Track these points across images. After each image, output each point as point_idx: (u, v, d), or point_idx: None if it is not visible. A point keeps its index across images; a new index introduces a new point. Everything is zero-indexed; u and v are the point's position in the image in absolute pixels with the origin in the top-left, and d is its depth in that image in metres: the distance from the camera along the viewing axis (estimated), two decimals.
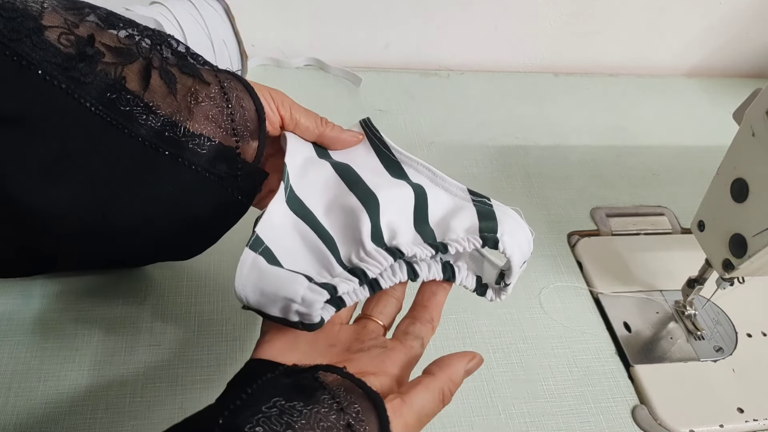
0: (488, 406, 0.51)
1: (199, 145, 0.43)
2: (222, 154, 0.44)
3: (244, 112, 0.45)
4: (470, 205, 0.46)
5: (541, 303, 0.59)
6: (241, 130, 0.45)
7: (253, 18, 0.75)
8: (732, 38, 0.92)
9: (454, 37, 0.84)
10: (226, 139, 0.44)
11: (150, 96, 0.42)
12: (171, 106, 0.42)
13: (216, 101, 0.44)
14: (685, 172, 0.76)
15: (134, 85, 0.41)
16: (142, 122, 0.41)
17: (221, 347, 0.51)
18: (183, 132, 0.42)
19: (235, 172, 0.45)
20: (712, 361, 0.57)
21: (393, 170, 0.49)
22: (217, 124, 0.44)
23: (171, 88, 0.42)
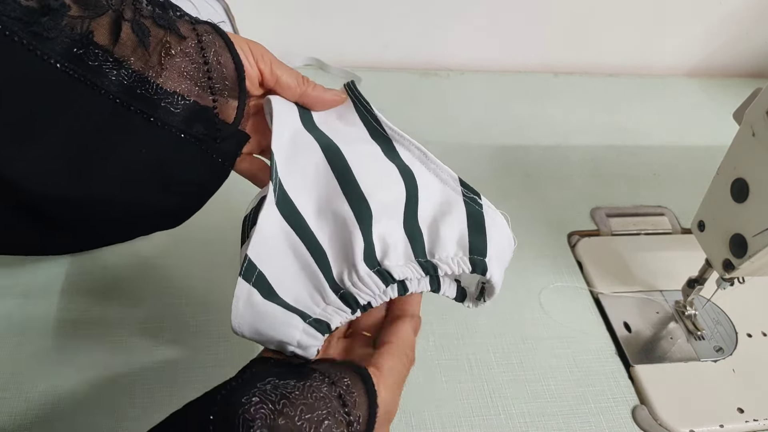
0: (488, 406, 0.51)
1: (172, 103, 0.40)
2: (198, 114, 0.42)
3: (222, 69, 0.42)
4: (460, 202, 0.45)
5: (541, 303, 0.59)
6: (219, 88, 0.42)
7: (253, 18, 0.75)
8: (732, 38, 0.92)
9: (454, 37, 0.84)
10: (202, 98, 0.41)
11: (120, 50, 0.39)
12: (142, 61, 0.39)
13: (192, 57, 0.41)
14: (685, 172, 0.76)
15: (103, 39, 0.39)
16: (112, 78, 0.39)
17: (219, 348, 0.51)
18: (155, 89, 0.40)
19: (213, 134, 0.43)
20: (712, 361, 0.57)
21: (385, 147, 0.47)
22: (192, 81, 0.41)
23: (143, 42, 0.40)
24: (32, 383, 0.47)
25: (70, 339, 0.50)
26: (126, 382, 0.48)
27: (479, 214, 0.44)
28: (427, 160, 0.47)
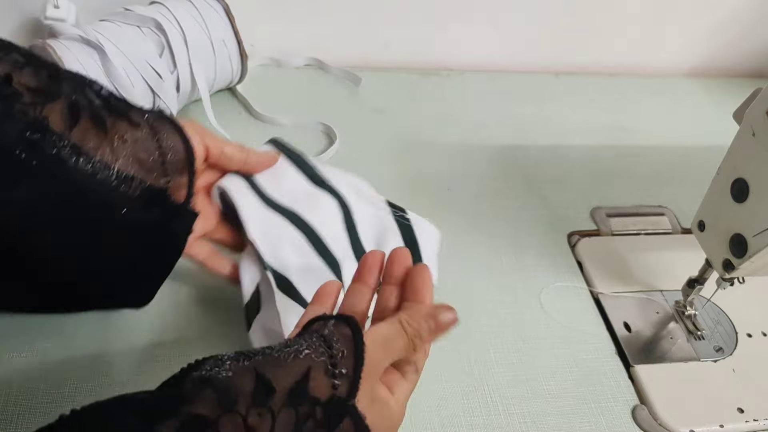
0: (488, 406, 0.51)
1: (130, 187, 0.42)
2: (153, 196, 0.43)
3: (174, 153, 0.44)
4: (393, 223, 0.54)
5: (541, 303, 0.59)
6: (171, 170, 0.44)
7: (253, 18, 0.75)
8: (732, 38, 0.92)
9: (454, 36, 0.84)
10: (156, 181, 0.43)
11: (78, 136, 0.40)
12: (100, 147, 0.41)
13: (145, 143, 0.43)
14: (686, 172, 0.76)
15: (59, 125, 0.39)
16: (70, 165, 0.39)
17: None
18: (115, 174, 0.41)
19: (167, 215, 0.44)
20: (712, 361, 0.57)
21: (322, 186, 0.53)
22: (146, 166, 0.43)
23: (102, 128, 0.41)
24: (33, 383, 0.47)
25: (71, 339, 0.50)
26: (128, 384, 0.48)
27: (409, 228, 0.54)
28: (360, 191, 0.55)
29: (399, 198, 0.66)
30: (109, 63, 0.58)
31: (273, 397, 0.31)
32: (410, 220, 0.54)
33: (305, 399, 0.32)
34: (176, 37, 0.62)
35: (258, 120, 0.71)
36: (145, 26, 0.61)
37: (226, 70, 0.68)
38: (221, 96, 0.73)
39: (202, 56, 0.64)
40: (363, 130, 0.73)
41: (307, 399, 0.32)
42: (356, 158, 0.69)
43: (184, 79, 0.63)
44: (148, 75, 0.60)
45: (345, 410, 0.33)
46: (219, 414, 0.29)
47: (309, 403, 0.32)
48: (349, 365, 0.34)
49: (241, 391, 0.30)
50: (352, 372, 0.34)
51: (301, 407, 0.31)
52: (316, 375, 0.33)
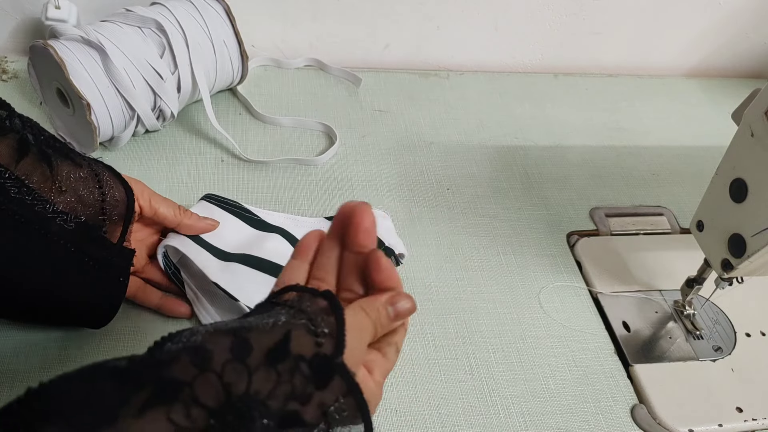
0: (488, 405, 0.51)
1: (66, 221, 0.44)
2: (89, 232, 0.45)
3: (114, 193, 0.47)
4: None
5: (540, 303, 0.60)
6: (109, 210, 0.47)
7: (253, 19, 0.76)
8: (731, 39, 0.92)
9: (454, 37, 0.84)
10: (93, 219, 0.46)
11: (23, 170, 0.42)
12: (43, 182, 0.43)
13: (88, 182, 0.46)
14: (684, 172, 0.76)
15: (4, 158, 0.42)
16: (12, 195, 0.41)
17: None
18: (52, 208, 0.43)
19: (104, 252, 0.46)
20: (711, 361, 0.57)
21: (265, 228, 0.57)
22: (87, 204, 0.45)
23: (48, 164, 0.44)
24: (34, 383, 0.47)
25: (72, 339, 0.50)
26: None
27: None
28: (296, 221, 0.59)
29: (399, 198, 0.66)
30: (110, 63, 0.58)
31: (251, 355, 0.29)
32: None
33: (286, 356, 0.30)
34: (177, 38, 0.62)
35: (258, 120, 0.72)
36: (146, 27, 0.62)
37: (227, 70, 0.68)
38: (222, 96, 0.73)
39: (202, 57, 0.65)
40: (363, 131, 0.73)
41: (288, 356, 0.30)
42: (356, 158, 0.70)
43: (185, 80, 0.63)
44: (149, 75, 0.61)
45: (333, 367, 0.31)
46: (195, 374, 0.28)
47: (291, 360, 0.30)
48: (331, 324, 0.32)
49: (217, 350, 0.29)
50: (335, 331, 0.32)
51: (281, 364, 0.30)
52: (298, 334, 0.31)
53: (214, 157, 0.66)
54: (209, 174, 0.64)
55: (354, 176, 0.67)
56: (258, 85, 0.75)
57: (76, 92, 0.57)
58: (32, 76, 0.62)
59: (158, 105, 0.63)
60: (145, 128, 0.64)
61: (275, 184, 0.65)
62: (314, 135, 0.72)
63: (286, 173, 0.66)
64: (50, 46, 0.57)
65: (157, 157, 0.65)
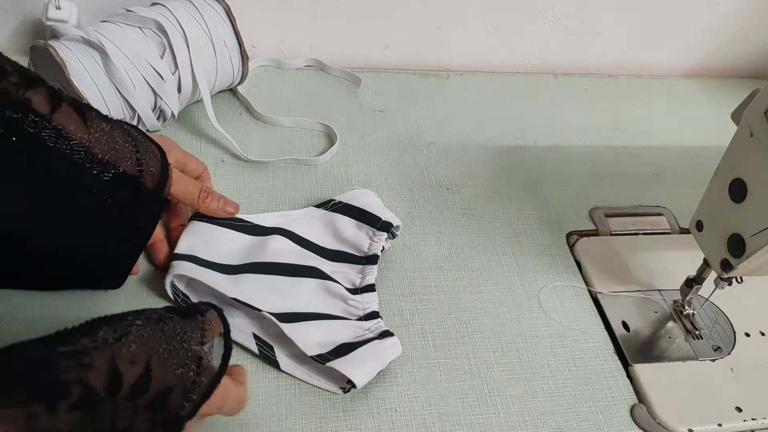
0: (487, 405, 0.52)
1: (102, 172, 0.44)
2: (125, 182, 0.46)
3: (147, 146, 0.48)
4: (333, 214, 0.59)
5: (540, 302, 0.60)
6: (145, 162, 0.47)
7: (253, 19, 0.76)
8: (730, 39, 0.92)
9: (454, 37, 0.84)
10: (130, 169, 0.46)
11: (60, 119, 0.42)
12: (81, 132, 0.43)
13: (121, 134, 0.46)
14: (684, 172, 0.76)
15: (42, 108, 0.42)
16: (50, 145, 0.42)
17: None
18: (90, 158, 0.44)
19: (137, 199, 0.47)
20: (710, 361, 0.58)
21: (260, 232, 0.57)
22: (122, 154, 0.46)
23: (81, 117, 0.44)
24: None
25: None
26: None
27: (346, 206, 0.60)
28: (290, 216, 0.60)
29: (399, 198, 0.66)
30: (111, 64, 0.58)
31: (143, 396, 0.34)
32: (341, 200, 0.60)
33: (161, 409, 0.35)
34: (177, 38, 0.62)
35: (259, 121, 0.72)
36: (146, 27, 0.62)
37: (227, 70, 0.68)
38: (222, 97, 0.73)
39: (203, 57, 0.65)
40: (363, 131, 0.73)
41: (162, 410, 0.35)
42: (356, 158, 0.70)
43: (186, 80, 0.64)
44: (149, 76, 0.61)
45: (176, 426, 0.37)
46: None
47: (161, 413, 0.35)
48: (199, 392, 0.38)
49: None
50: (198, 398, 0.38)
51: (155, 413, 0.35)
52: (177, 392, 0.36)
53: (215, 157, 0.66)
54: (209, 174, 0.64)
55: (354, 176, 0.68)
56: (258, 85, 0.75)
57: (76, 92, 0.57)
58: None
59: (159, 105, 0.63)
60: (146, 128, 0.64)
61: (275, 184, 0.65)
62: (314, 135, 0.72)
63: (286, 173, 0.66)
64: (51, 47, 0.57)
65: None
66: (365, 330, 0.53)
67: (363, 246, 0.58)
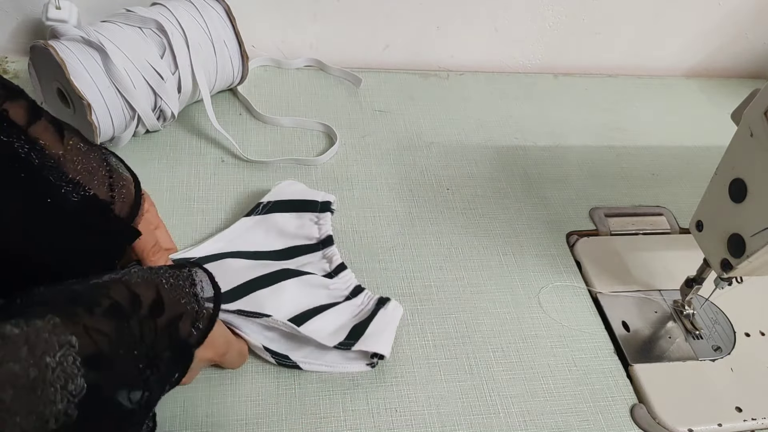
0: (487, 405, 0.52)
1: (72, 192, 0.44)
2: (95, 206, 0.45)
3: (121, 174, 0.48)
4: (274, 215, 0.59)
5: (540, 302, 0.60)
6: (117, 187, 0.47)
7: (254, 19, 0.76)
8: (730, 39, 0.92)
9: (454, 38, 0.84)
10: (101, 193, 0.45)
11: (34, 131, 0.42)
12: (54, 147, 0.43)
13: (97, 159, 0.46)
14: (684, 172, 0.76)
15: (19, 119, 0.41)
16: (21, 155, 0.41)
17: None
18: (60, 175, 0.43)
19: (106, 227, 0.46)
20: (710, 361, 0.58)
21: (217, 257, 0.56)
22: (95, 178, 0.45)
23: (58, 133, 0.43)
24: None
25: None
26: None
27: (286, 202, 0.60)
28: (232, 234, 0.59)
29: (399, 198, 0.66)
30: (111, 64, 0.58)
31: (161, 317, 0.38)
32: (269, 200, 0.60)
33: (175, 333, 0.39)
34: (177, 38, 0.62)
35: (259, 121, 0.72)
36: (146, 27, 0.62)
37: (227, 70, 0.68)
38: (222, 97, 0.73)
39: (203, 57, 0.65)
40: (363, 131, 0.73)
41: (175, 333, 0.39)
42: (356, 158, 0.70)
43: (186, 80, 0.64)
44: (149, 76, 0.61)
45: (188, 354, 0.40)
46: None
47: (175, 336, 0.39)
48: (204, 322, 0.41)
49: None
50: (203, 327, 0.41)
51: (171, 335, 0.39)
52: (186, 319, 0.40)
53: (215, 157, 0.66)
54: (209, 174, 0.64)
55: (354, 176, 0.68)
56: (258, 85, 0.75)
57: (76, 92, 0.57)
58: (33, 76, 0.62)
59: (159, 105, 0.63)
60: (146, 128, 0.64)
61: (275, 184, 0.65)
62: (314, 135, 0.72)
63: (286, 173, 0.66)
64: (51, 47, 0.57)
65: (157, 157, 0.65)
66: (360, 306, 0.54)
67: (312, 233, 0.58)
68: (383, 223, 0.63)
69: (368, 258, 0.59)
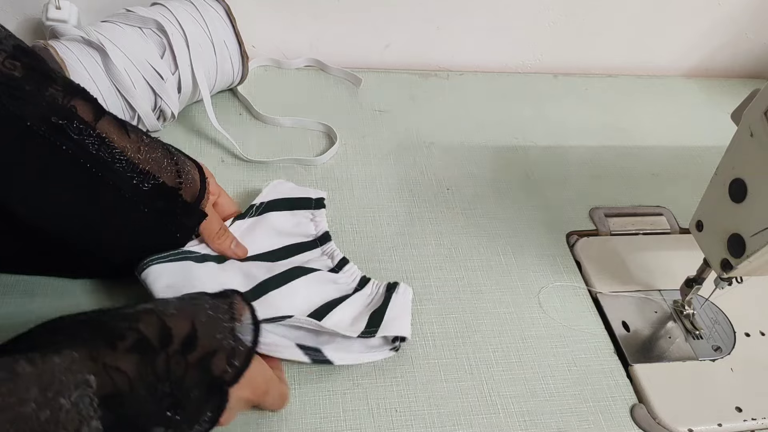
0: (487, 405, 0.52)
1: (142, 182, 0.46)
2: (164, 192, 0.47)
3: (185, 160, 0.50)
4: (269, 215, 0.58)
5: (540, 303, 0.60)
6: (183, 173, 0.49)
7: (254, 19, 0.76)
8: (730, 39, 0.92)
9: (454, 37, 0.84)
10: (170, 180, 0.48)
11: (103, 127, 0.44)
12: (121, 141, 0.45)
13: (161, 149, 0.48)
14: (684, 172, 0.76)
15: (86, 116, 0.43)
16: (92, 152, 0.43)
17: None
18: (131, 167, 0.45)
19: (174, 209, 0.48)
20: (710, 361, 0.58)
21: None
22: (162, 166, 0.48)
23: (123, 128, 0.46)
24: None
25: None
26: None
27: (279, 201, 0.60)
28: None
29: (399, 198, 0.66)
30: (111, 64, 0.58)
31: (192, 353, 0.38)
32: (262, 201, 0.59)
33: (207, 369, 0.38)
34: (177, 38, 0.62)
35: (259, 121, 0.72)
36: (146, 27, 0.62)
37: (227, 71, 0.68)
38: (222, 97, 0.73)
39: (203, 57, 0.65)
40: (363, 131, 0.73)
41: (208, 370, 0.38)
42: (356, 159, 0.70)
43: (186, 80, 0.64)
44: (149, 76, 0.61)
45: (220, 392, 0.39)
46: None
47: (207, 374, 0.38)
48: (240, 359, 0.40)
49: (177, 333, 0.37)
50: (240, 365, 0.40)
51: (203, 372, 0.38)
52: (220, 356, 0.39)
53: (215, 157, 0.66)
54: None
55: (354, 176, 0.68)
56: (258, 85, 0.76)
57: None
58: None
59: (159, 105, 0.63)
60: (146, 128, 0.64)
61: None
62: (314, 135, 0.72)
63: (286, 173, 0.66)
64: (51, 47, 0.57)
65: None
66: (371, 296, 0.55)
67: (309, 230, 0.58)
68: (383, 223, 0.63)
69: (368, 258, 0.59)
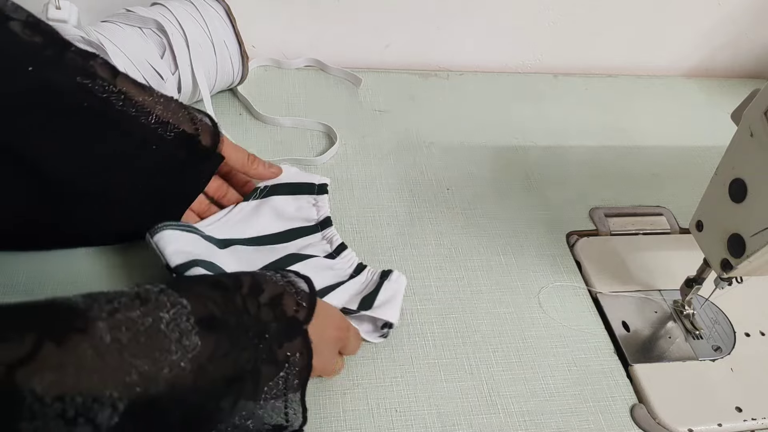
0: (487, 405, 0.52)
1: (165, 131, 0.49)
2: (185, 140, 0.51)
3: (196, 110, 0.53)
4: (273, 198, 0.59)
5: (540, 303, 0.60)
6: (197, 121, 0.52)
7: (253, 19, 0.76)
8: (730, 39, 0.92)
9: (454, 38, 0.84)
10: (188, 128, 0.51)
11: (122, 84, 0.47)
12: (141, 96, 0.48)
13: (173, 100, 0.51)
14: (684, 172, 0.76)
15: (105, 74, 0.46)
16: (117, 108, 0.46)
17: None
18: (155, 118, 0.48)
19: (195, 155, 0.52)
20: (710, 361, 0.58)
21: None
22: (180, 116, 0.51)
23: (138, 84, 0.49)
24: None
25: None
26: None
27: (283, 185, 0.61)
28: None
29: (399, 198, 0.66)
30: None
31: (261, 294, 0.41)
32: (266, 184, 0.59)
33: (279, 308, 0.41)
34: (177, 38, 0.62)
35: (259, 121, 0.72)
36: (146, 27, 0.62)
37: (227, 71, 0.68)
38: (222, 97, 0.73)
39: (203, 57, 0.65)
40: (363, 131, 0.73)
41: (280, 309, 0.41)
42: (356, 158, 0.70)
43: (186, 80, 0.64)
44: (149, 76, 0.61)
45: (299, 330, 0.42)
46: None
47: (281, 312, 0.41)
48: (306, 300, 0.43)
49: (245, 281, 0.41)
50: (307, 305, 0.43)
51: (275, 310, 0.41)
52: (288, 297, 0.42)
53: None
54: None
55: (354, 176, 0.68)
56: (258, 85, 0.76)
57: None
58: None
59: None
60: None
61: None
62: (314, 135, 0.72)
63: None
64: None
65: None
66: (364, 283, 0.55)
67: (311, 215, 0.59)
68: (383, 223, 0.63)
69: (368, 258, 0.59)
